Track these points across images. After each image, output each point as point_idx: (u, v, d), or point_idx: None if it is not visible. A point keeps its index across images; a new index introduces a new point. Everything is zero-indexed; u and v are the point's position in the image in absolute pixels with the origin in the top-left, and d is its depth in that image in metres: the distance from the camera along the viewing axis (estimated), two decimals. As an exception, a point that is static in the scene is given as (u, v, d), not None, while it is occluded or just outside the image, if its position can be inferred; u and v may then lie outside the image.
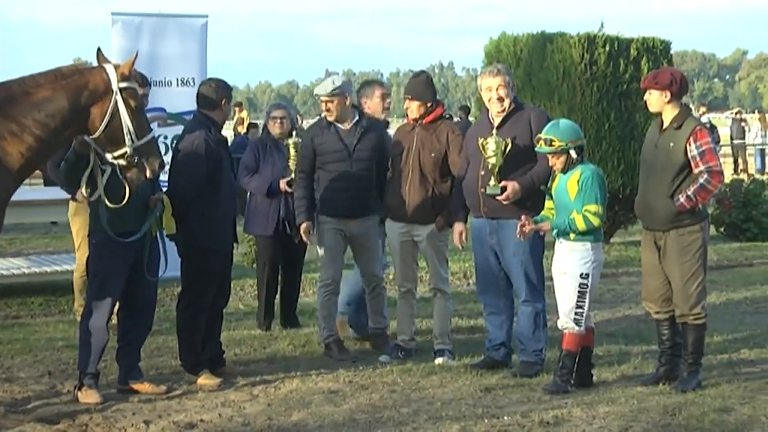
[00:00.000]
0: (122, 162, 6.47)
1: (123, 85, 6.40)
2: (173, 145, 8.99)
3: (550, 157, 7.18)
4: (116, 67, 6.46)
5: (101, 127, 6.38)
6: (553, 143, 7.11)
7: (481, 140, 7.57)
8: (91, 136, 6.47)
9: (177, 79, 11.57)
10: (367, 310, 8.80)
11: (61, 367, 7.79)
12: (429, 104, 8.20)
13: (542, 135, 7.19)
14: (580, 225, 7.07)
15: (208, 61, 11.84)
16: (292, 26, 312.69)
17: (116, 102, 6.36)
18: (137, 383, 7.23)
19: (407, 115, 8.33)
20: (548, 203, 7.39)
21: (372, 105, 8.92)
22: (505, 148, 7.48)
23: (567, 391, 7.10)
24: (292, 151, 9.06)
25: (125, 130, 6.38)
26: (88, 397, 6.96)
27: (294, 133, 9.68)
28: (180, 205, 7.31)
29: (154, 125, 11.39)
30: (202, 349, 7.58)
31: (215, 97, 7.54)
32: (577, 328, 7.15)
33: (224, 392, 7.22)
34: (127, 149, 6.41)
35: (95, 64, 6.56)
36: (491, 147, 7.49)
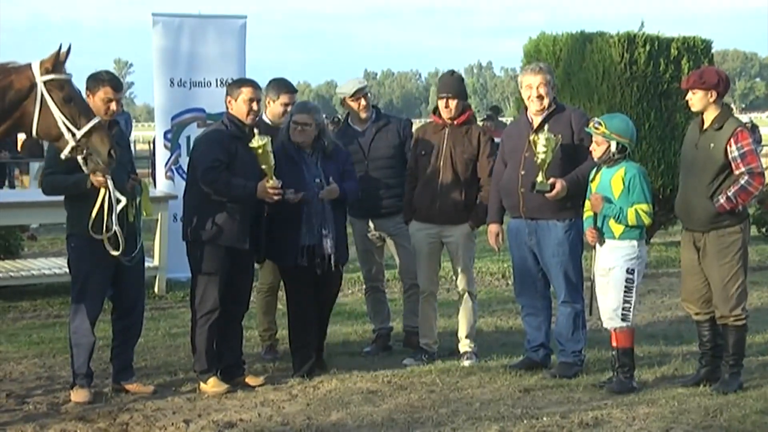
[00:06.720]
0: (78, 158, 6.18)
1: (46, 78, 6.10)
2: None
3: (593, 141, 7.21)
4: (42, 62, 6.18)
5: (35, 123, 6.13)
6: (599, 127, 7.15)
7: (532, 136, 7.47)
8: (32, 134, 6.24)
9: (216, 80, 11.66)
10: None
11: (102, 367, 7.83)
12: (464, 103, 8.19)
13: (597, 118, 7.26)
14: (631, 218, 7.08)
15: (246, 62, 11.93)
16: (329, 26, 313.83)
17: (42, 95, 6.09)
18: (128, 383, 7.35)
19: (436, 114, 8.20)
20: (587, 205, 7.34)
21: (273, 110, 8.22)
22: (556, 145, 7.42)
23: (633, 388, 7.11)
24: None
25: (59, 123, 6.10)
26: (79, 396, 7.08)
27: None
28: (217, 193, 7.19)
29: (193, 125, 11.64)
30: (218, 358, 7.45)
31: (227, 94, 7.53)
32: (625, 324, 7.13)
33: (263, 392, 7.25)
34: (71, 142, 6.13)
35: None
36: (542, 143, 7.38)
